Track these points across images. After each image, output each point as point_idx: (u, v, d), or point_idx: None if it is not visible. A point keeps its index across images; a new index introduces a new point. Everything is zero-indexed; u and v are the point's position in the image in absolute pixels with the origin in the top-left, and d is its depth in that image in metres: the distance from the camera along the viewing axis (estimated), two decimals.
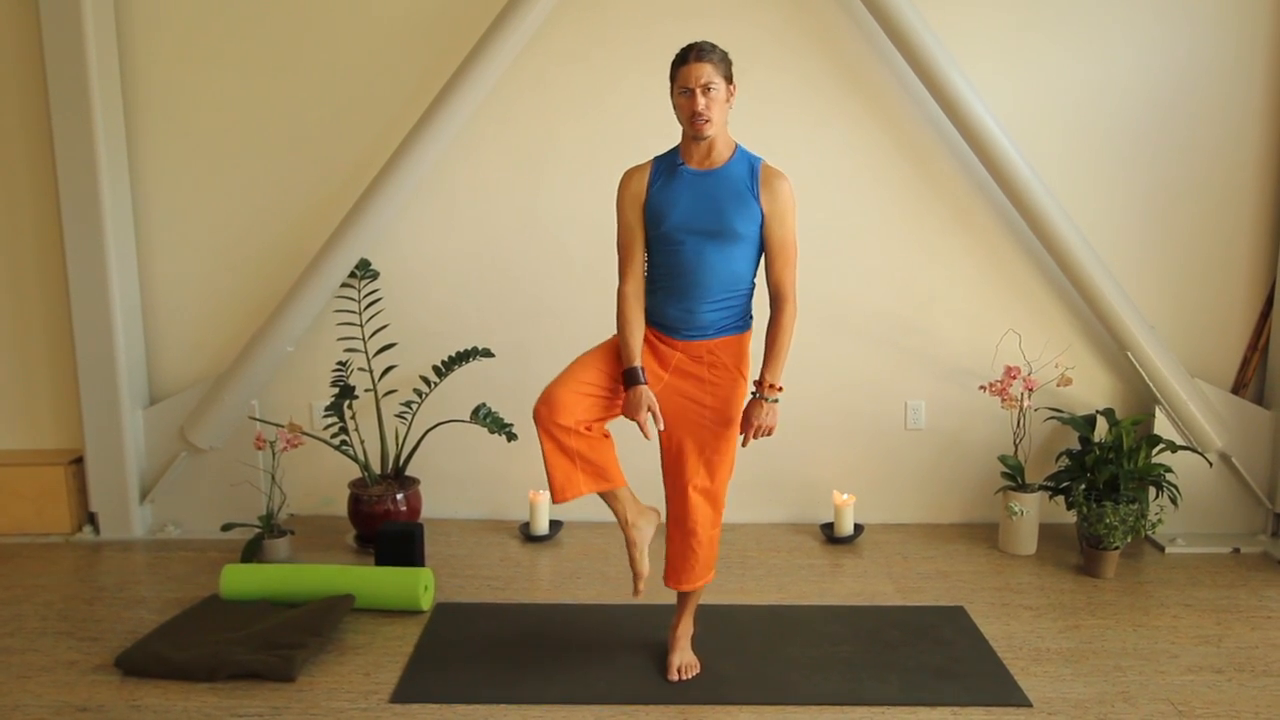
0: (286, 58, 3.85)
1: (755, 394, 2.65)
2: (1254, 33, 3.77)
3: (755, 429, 2.64)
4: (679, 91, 2.51)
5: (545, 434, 2.57)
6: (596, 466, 2.62)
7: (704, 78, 2.46)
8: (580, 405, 2.58)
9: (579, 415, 2.57)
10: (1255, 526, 3.94)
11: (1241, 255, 3.95)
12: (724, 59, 2.52)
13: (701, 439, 2.68)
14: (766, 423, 2.64)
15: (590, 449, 2.60)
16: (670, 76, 2.54)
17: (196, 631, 3.01)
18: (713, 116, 2.49)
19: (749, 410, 2.66)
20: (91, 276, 3.76)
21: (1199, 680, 2.82)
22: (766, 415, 2.63)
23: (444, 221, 3.95)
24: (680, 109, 2.53)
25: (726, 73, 2.52)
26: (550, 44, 3.79)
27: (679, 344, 2.64)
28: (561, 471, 2.60)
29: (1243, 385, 3.99)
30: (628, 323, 2.63)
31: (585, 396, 2.60)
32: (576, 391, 2.59)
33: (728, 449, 2.70)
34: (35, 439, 4.10)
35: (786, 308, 2.64)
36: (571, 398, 2.58)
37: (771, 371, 2.63)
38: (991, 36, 3.79)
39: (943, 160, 3.88)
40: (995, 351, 3.93)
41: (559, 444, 2.58)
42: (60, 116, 3.65)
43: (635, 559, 2.71)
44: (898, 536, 3.98)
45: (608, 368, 2.66)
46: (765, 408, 2.63)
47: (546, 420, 2.56)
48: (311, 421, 4.00)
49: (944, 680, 2.81)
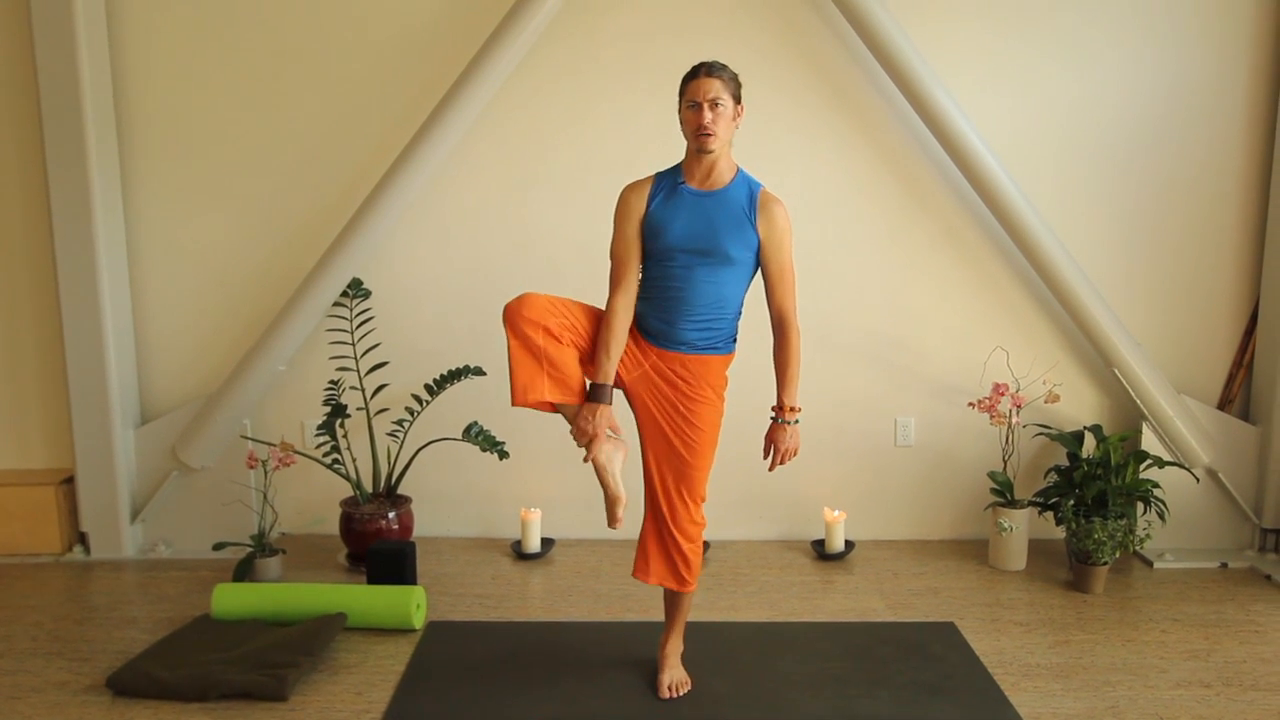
0: (279, 78, 3.87)
1: (775, 418, 2.68)
2: (1237, 53, 3.83)
3: (782, 454, 2.67)
4: (687, 105, 2.54)
5: (511, 330, 2.57)
6: (562, 374, 2.60)
7: (713, 93, 2.49)
8: (552, 315, 2.57)
9: (549, 322, 2.56)
10: (1242, 541, 3.97)
11: (1226, 273, 3.99)
12: (734, 79, 2.55)
13: (673, 436, 2.68)
14: (790, 445, 2.67)
15: (558, 353, 2.58)
16: (679, 91, 2.57)
17: (188, 651, 3.00)
18: (718, 132, 2.51)
19: (773, 435, 2.69)
20: (83, 295, 3.76)
21: (1188, 695, 2.83)
22: (790, 438, 2.67)
23: (436, 240, 3.97)
24: (687, 123, 2.55)
25: (735, 93, 2.55)
26: (542, 64, 3.82)
27: (653, 350, 2.67)
28: (526, 371, 2.58)
29: (1228, 401, 4.02)
30: (613, 337, 2.63)
31: (559, 315, 2.59)
32: (552, 302, 2.59)
33: (696, 456, 2.68)
34: (26, 458, 4.09)
35: (791, 333, 2.66)
36: (545, 303, 2.57)
37: (788, 394, 2.67)
38: (979, 56, 3.83)
39: (930, 179, 3.92)
40: (983, 368, 3.96)
41: (526, 341, 2.56)
42: (53, 136, 3.67)
43: (606, 484, 2.65)
44: (888, 553, 3.99)
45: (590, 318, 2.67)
46: (788, 430, 2.67)
47: (514, 314, 2.55)
48: (303, 440, 4.01)
49: (935, 696, 2.82)
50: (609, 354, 2.62)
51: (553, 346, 2.58)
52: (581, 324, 2.65)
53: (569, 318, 2.62)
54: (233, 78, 3.87)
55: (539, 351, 2.57)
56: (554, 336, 2.58)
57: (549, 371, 2.59)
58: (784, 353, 2.67)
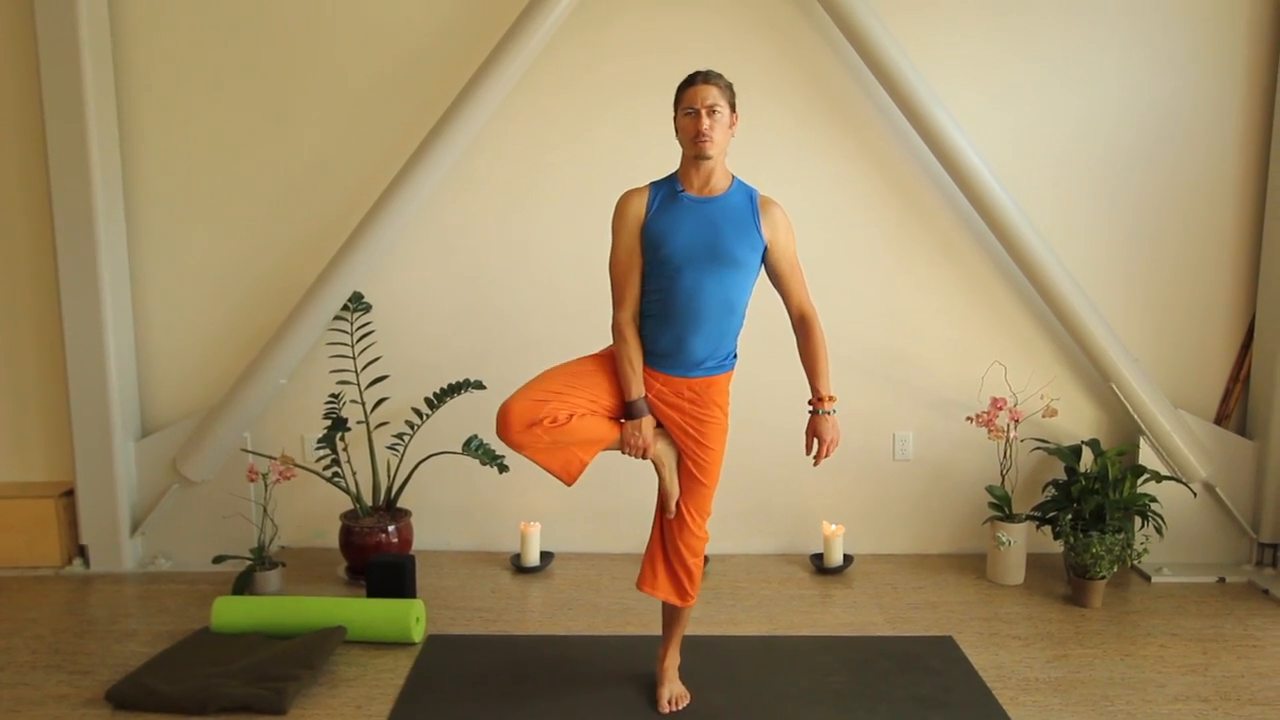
0: (282, 91, 3.89)
1: (814, 410, 2.69)
2: (1233, 70, 3.86)
3: (827, 445, 2.68)
4: (684, 112, 2.55)
5: (515, 448, 2.57)
6: (587, 438, 2.61)
7: (710, 99, 2.51)
8: (540, 408, 2.54)
9: (539, 416, 2.54)
10: (1240, 556, 3.98)
11: (1222, 288, 4.01)
12: (729, 87, 2.57)
13: (685, 458, 2.70)
14: (834, 435, 2.68)
15: (571, 432, 2.58)
16: (675, 100, 2.59)
17: (188, 664, 3.01)
18: (715, 138, 2.53)
19: (815, 428, 2.69)
20: (85, 308, 3.78)
21: (1185, 709, 2.84)
22: (831, 428, 2.68)
23: (436, 254, 3.99)
24: (683, 130, 2.56)
25: (731, 100, 2.57)
26: (542, 80, 3.84)
27: (660, 375, 2.66)
28: (556, 460, 2.61)
29: (1225, 416, 4.04)
30: (631, 350, 2.62)
31: (548, 401, 2.56)
32: (533, 399, 2.56)
33: (707, 474, 2.71)
34: (26, 471, 4.10)
35: (814, 325, 2.71)
36: (528, 405, 2.54)
37: (822, 385, 2.69)
38: (976, 72, 3.86)
39: (928, 194, 3.94)
40: (981, 383, 3.98)
41: (533, 447, 2.57)
42: (55, 148, 3.68)
43: (663, 478, 2.71)
44: (887, 567, 4.00)
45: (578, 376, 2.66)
46: (829, 421, 2.67)
47: (505, 435, 2.55)
48: (304, 454, 4.01)
49: (933, 710, 2.82)
50: (633, 368, 2.63)
51: (560, 432, 2.56)
52: (574, 391, 2.61)
53: (558, 396, 2.58)
54: (235, 93, 3.89)
55: (552, 444, 2.58)
56: (556, 424, 2.55)
57: (573, 447, 2.61)
58: (810, 345, 2.70)
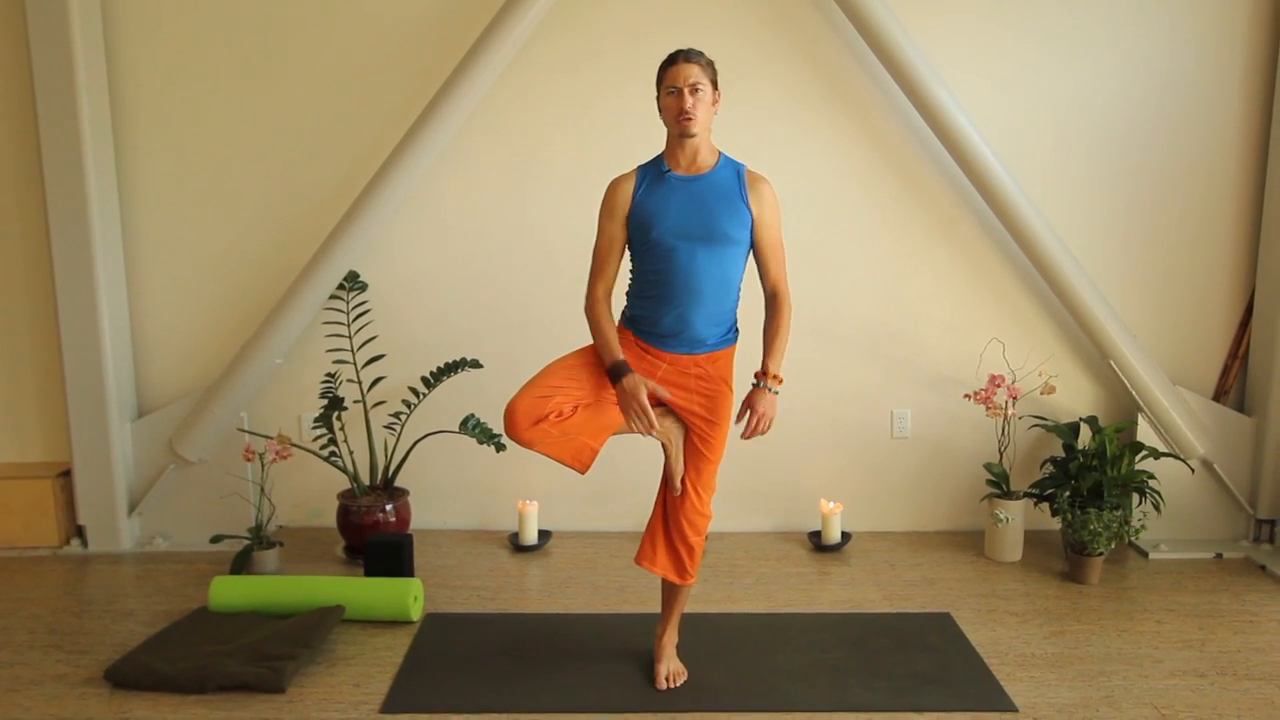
0: (275, 70, 3.86)
1: (757, 384, 2.66)
2: (1233, 46, 3.83)
3: (759, 417, 2.63)
4: (666, 91, 2.55)
5: (525, 445, 2.58)
6: (595, 426, 2.63)
7: (692, 78, 2.52)
8: (544, 403, 2.56)
9: (544, 411, 2.55)
10: (1237, 532, 3.98)
11: (1221, 264, 4.00)
12: (710, 65, 2.57)
13: (693, 436, 2.70)
14: (768, 412, 2.64)
15: (573, 424, 2.59)
16: (657, 80, 2.59)
17: (186, 644, 3.01)
18: (698, 116, 2.53)
19: (752, 398, 2.65)
20: (79, 289, 3.76)
21: (1183, 685, 2.85)
22: (768, 404, 2.64)
23: (432, 233, 3.97)
24: (667, 109, 2.56)
25: (713, 78, 2.57)
26: (538, 56, 3.81)
27: (666, 355, 2.66)
28: (566, 451, 2.62)
29: (1224, 392, 4.03)
30: (603, 316, 2.64)
31: (551, 396, 2.58)
32: (536, 396, 2.57)
33: (713, 450, 2.71)
34: (23, 452, 4.09)
35: (784, 305, 2.68)
36: (531, 402, 2.56)
37: (774, 362, 2.66)
38: (975, 49, 3.83)
39: (927, 172, 3.92)
40: (979, 360, 3.97)
41: (542, 442, 2.58)
42: (48, 129, 3.66)
43: (669, 457, 2.72)
44: (885, 544, 4.00)
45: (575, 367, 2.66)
46: (769, 397, 2.64)
47: (514, 434, 2.56)
48: (300, 433, 4.01)
49: (931, 686, 2.83)
50: (604, 333, 2.62)
51: (567, 425, 2.58)
52: (575, 383, 2.62)
53: (560, 390, 2.59)
54: (229, 70, 3.86)
55: (558, 437, 2.58)
56: (562, 417, 2.57)
57: (583, 436, 2.62)
58: (775, 322, 2.68)
